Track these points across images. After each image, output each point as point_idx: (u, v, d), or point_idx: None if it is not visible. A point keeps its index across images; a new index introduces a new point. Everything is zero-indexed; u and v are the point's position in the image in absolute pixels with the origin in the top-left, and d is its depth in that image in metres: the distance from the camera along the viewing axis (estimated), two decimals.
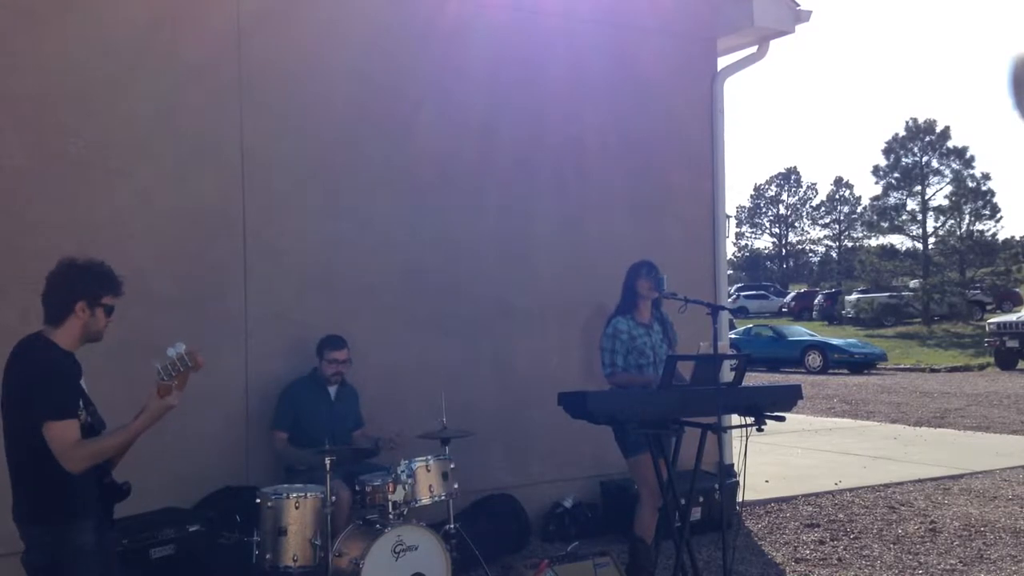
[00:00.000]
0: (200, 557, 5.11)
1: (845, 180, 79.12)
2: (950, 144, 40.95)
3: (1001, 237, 41.22)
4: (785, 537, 6.91)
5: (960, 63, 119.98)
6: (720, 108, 8.02)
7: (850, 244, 65.99)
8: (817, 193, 77.05)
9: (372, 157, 6.44)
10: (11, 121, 5.37)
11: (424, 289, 6.58)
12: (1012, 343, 23.71)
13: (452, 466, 5.35)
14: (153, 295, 5.50)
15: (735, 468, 6.96)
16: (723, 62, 8.18)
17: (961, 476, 9.12)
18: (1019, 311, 28.60)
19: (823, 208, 75.19)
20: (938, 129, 41.23)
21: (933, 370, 24.97)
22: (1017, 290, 39.24)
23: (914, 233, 40.72)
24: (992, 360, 24.91)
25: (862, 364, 24.76)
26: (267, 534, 4.82)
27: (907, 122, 41.98)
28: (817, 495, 8.26)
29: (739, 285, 53.00)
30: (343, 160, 6.34)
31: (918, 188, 40.69)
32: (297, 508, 4.81)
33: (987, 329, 26.08)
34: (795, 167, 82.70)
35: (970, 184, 39.55)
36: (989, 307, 38.29)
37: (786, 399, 5.17)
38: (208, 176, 5.90)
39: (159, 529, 5.02)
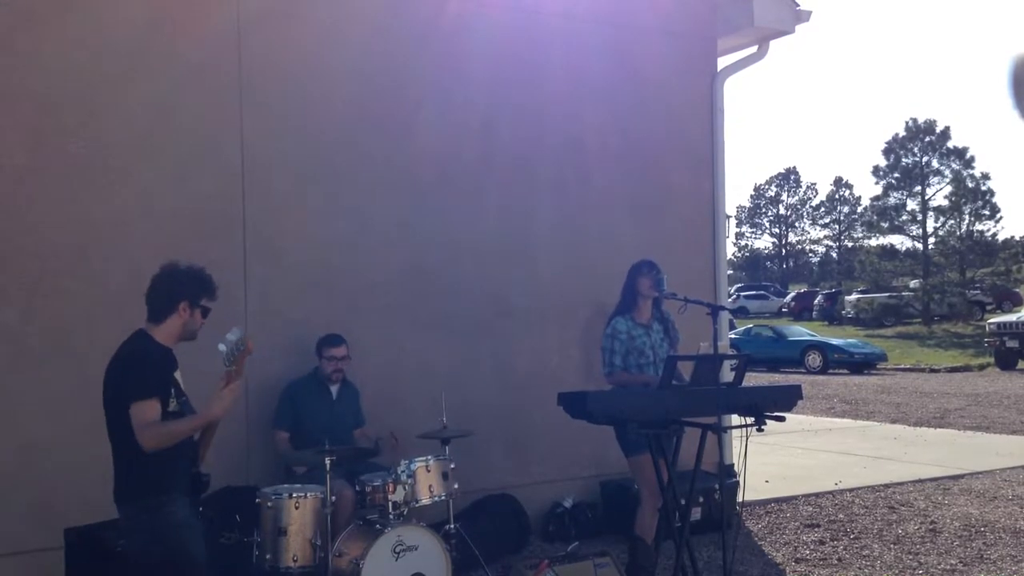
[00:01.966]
0: None
1: (845, 180, 79.27)
2: (950, 144, 40.97)
3: (1001, 237, 41.18)
4: (785, 537, 6.91)
5: (960, 63, 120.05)
6: (720, 108, 8.02)
7: (850, 244, 65.97)
8: (817, 193, 77.17)
9: (372, 157, 6.44)
10: (11, 121, 5.36)
11: (424, 289, 6.57)
12: (1012, 343, 23.71)
13: (452, 466, 5.35)
14: None
15: (735, 468, 6.95)
16: (723, 62, 8.18)
17: (961, 476, 9.11)
18: (1019, 311, 28.61)
19: (823, 208, 75.24)
20: (938, 129, 41.25)
21: (933, 370, 24.97)
22: (1017, 290, 39.22)
23: (914, 233, 40.72)
24: (992, 360, 24.90)
25: (862, 364, 24.76)
26: (267, 534, 4.82)
27: (907, 122, 42.03)
28: (817, 495, 8.26)
29: (739, 285, 53.02)
30: (343, 160, 6.34)
31: (918, 188, 40.69)
32: (297, 508, 4.81)
33: (987, 329, 26.08)
34: (795, 167, 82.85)
35: (970, 184, 39.53)
36: (989, 307, 38.27)
37: (786, 399, 5.17)
38: (208, 176, 5.90)
39: None
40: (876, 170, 42.12)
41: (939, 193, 40.62)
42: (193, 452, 3.74)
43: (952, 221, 39.79)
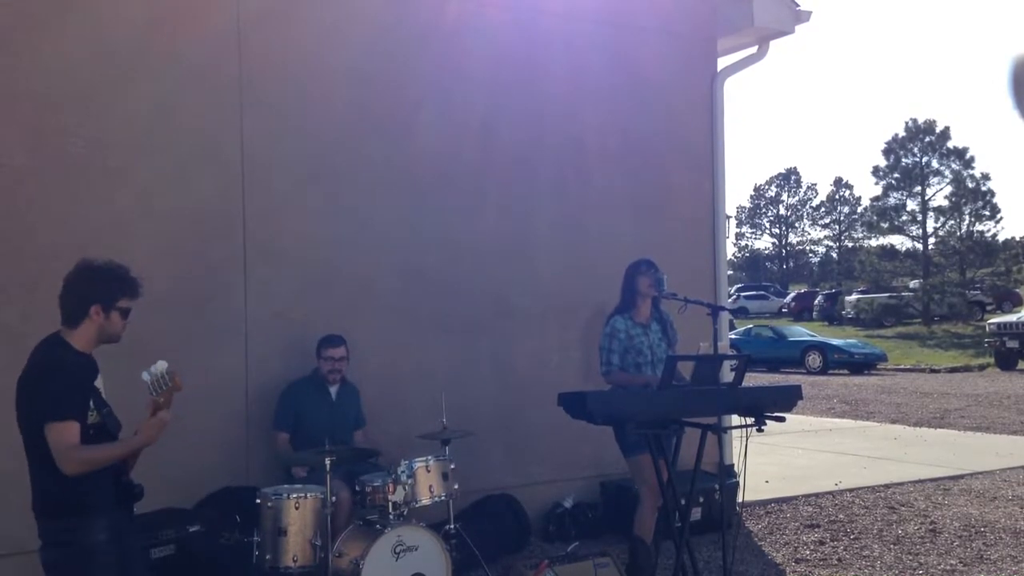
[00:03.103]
0: (200, 557, 5.10)
1: (845, 180, 79.24)
2: (950, 144, 40.90)
3: (1001, 237, 41.16)
4: (785, 537, 6.91)
5: (960, 63, 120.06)
6: (720, 108, 8.02)
7: (850, 244, 65.95)
8: (817, 193, 77.13)
9: (372, 157, 6.44)
10: (11, 121, 5.36)
11: (424, 289, 6.57)
12: (1012, 343, 23.70)
13: (452, 466, 5.34)
14: (153, 295, 5.45)
15: (735, 468, 6.95)
16: (723, 62, 8.18)
17: (961, 476, 9.11)
18: (1019, 311, 28.61)
19: (823, 208, 75.24)
20: (938, 129, 41.19)
21: (933, 370, 24.97)
22: (1017, 290, 39.22)
23: (914, 233, 40.70)
24: (992, 360, 24.90)
25: (862, 364, 24.76)
26: (267, 534, 4.81)
27: (907, 122, 41.95)
28: (817, 495, 8.26)
29: (739, 285, 53.00)
30: (343, 160, 6.34)
31: (918, 188, 40.65)
32: (297, 508, 4.81)
33: (987, 329, 26.08)
34: (795, 167, 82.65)
35: (970, 184, 39.51)
36: (989, 307, 38.26)
37: (786, 399, 5.17)
38: (208, 176, 5.90)
39: (159, 529, 5.01)
40: (876, 170, 42.10)
41: (939, 193, 40.64)
42: (120, 465, 3.49)
43: (952, 221, 39.79)
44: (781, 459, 10.21)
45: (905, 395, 18.21)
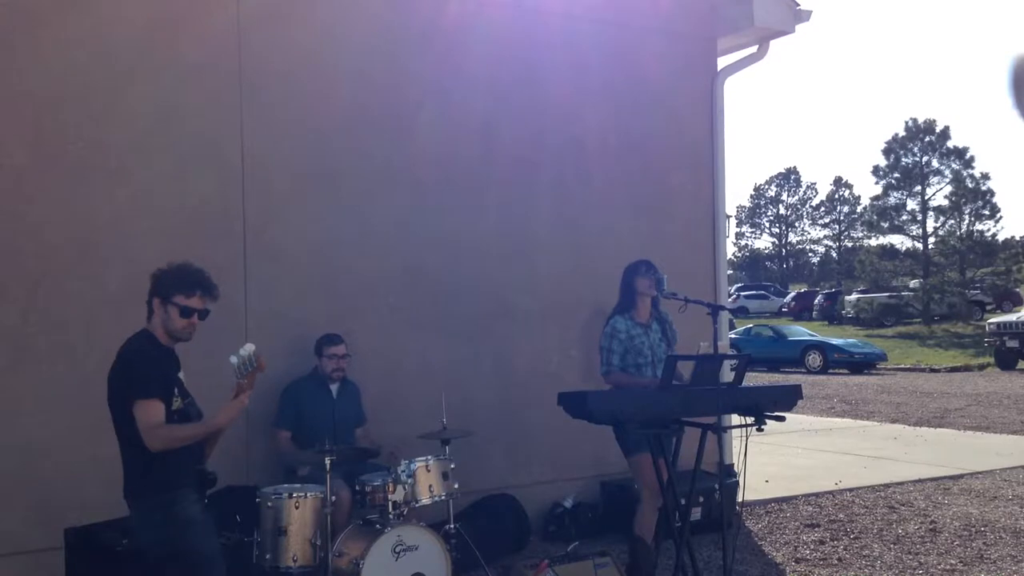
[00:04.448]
0: None
1: (845, 180, 79.25)
2: (950, 144, 40.94)
3: (1001, 237, 41.21)
4: (785, 537, 6.91)
5: (960, 63, 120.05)
6: (720, 108, 8.02)
7: (850, 244, 66.01)
8: (817, 193, 77.16)
9: (372, 157, 6.44)
10: (11, 121, 5.36)
11: (424, 289, 6.57)
12: (1012, 343, 23.71)
13: (452, 466, 5.34)
14: None
15: (735, 468, 6.96)
16: (723, 62, 8.19)
17: (961, 476, 9.11)
18: (1019, 311, 28.60)
19: (823, 208, 75.21)
20: (938, 129, 41.22)
21: (933, 370, 24.97)
22: (1017, 290, 39.21)
23: (914, 233, 40.73)
24: (992, 360, 24.91)
25: (862, 364, 24.76)
26: (267, 534, 4.81)
27: (907, 122, 41.99)
28: (817, 495, 8.26)
29: (739, 285, 53.01)
30: (343, 160, 6.34)
31: (918, 188, 40.68)
32: (297, 508, 4.81)
33: (987, 329, 26.08)
34: (795, 167, 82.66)
35: (970, 184, 39.53)
36: (989, 307, 38.27)
37: (786, 399, 5.17)
38: (208, 176, 5.90)
39: None
40: (876, 170, 42.13)
41: (939, 193, 40.67)
42: (200, 450, 3.80)
43: (952, 221, 39.81)
44: (781, 459, 10.21)
45: (905, 395, 18.22)
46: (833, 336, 29.17)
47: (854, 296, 40.85)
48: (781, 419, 4.99)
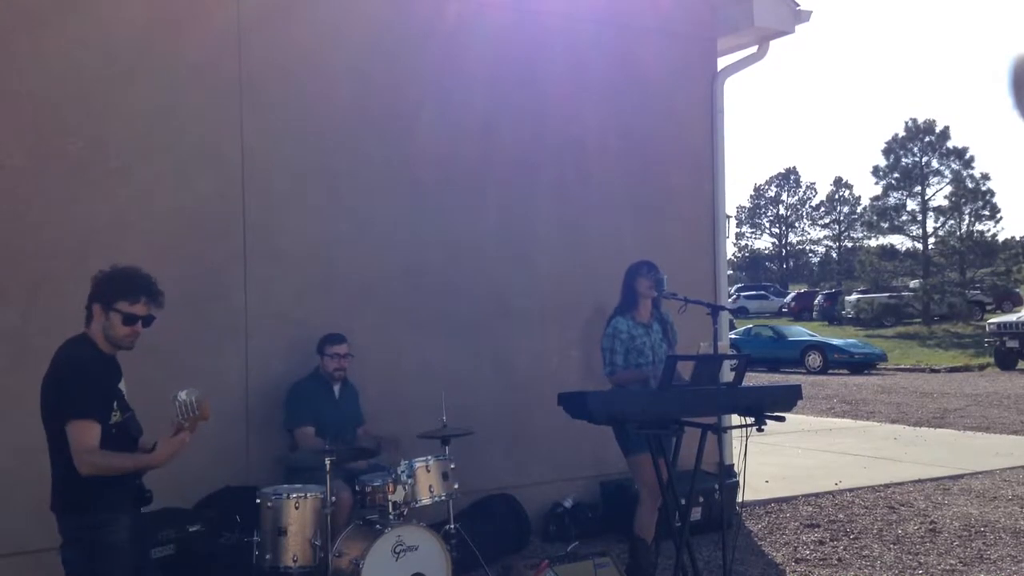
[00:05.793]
0: (200, 557, 5.10)
1: (845, 180, 79.18)
2: (950, 144, 40.96)
3: (1001, 237, 41.26)
4: (785, 537, 6.91)
5: (960, 63, 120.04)
6: (720, 108, 8.02)
7: (850, 244, 66.01)
8: (817, 193, 77.16)
9: (372, 157, 6.44)
10: (11, 121, 5.36)
11: (424, 289, 6.57)
12: (1012, 343, 23.70)
13: (452, 466, 5.35)
14: None
15: (735, 468, 6.96)
16: (723, 62, 8.18)
17: (961, 476, 9.11)
18: (1019, 311, 28.59)
19: (823, 208, 75.21)
20: (938, 129, 41.23)
21: (933, 370, 24.97)
22: (1017, 290, 39.22)
23: (914, 233, 40.73)
24: (992, 360, 24.90)
25: (862, 364, 24.76)
26: (267, 534, 4.81)
27: (907, 122, 41.99)
28: (817, 495, 8.26)
29: (739, 285, 53.01)
30: (343, 160, 6.34)
31: (918, 188, 40.69)
32: (297, 508, 4.81)
33: (987, 329, 26.08)
34: (795, 167, 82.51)
35: (970, 184, 39.54)
36: (989, 307, 38.27)
37: (786, 399, 5.17)
38: (208, 176, 5.90)
39: (159, 529, 5.01)
40: (876, 170, 42.13)
41: (939, 193, 40.68)
42: None
43: (952, 221, 39.82)
44: (781, 459, 10.21)
45: (905, 395, 18.21)
46: (833, 336, 29.17)
47: (854, 296, 40.85)
48: (781, 419, 4.99)
